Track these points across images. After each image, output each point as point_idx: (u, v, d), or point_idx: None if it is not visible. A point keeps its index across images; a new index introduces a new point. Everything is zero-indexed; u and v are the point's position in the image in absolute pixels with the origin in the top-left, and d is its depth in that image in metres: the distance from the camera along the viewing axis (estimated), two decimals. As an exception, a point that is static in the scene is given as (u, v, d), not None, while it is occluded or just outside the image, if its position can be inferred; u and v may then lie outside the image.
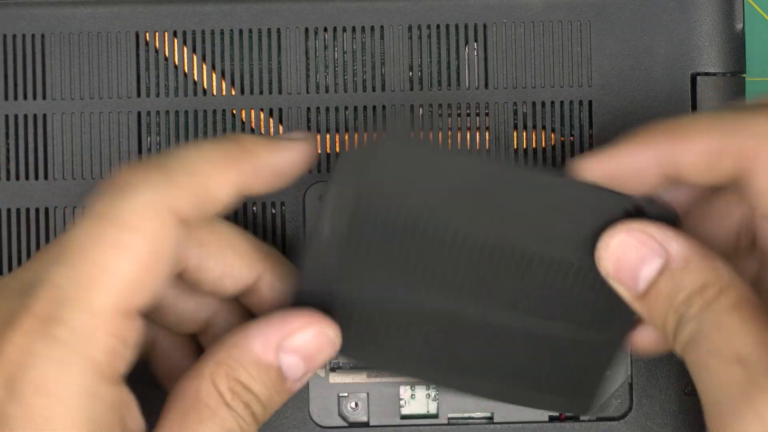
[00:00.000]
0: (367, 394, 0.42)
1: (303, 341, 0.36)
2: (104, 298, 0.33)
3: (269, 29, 0.42)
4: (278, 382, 0.36)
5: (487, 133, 0.42)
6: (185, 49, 0.42)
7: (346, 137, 0.42)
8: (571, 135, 0.43)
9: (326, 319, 0.37)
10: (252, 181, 0.36)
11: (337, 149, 0.42)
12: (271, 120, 0.42)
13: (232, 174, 0.35)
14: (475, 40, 0.42)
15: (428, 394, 0.42)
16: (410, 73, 0.42)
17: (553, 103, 0.42)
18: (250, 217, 0.42)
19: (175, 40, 0.42)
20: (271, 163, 0.36)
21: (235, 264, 0.38)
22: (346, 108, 0.42)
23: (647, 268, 0.36)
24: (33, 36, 0.42)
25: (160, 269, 0.34)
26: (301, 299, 0.37)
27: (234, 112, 0.42)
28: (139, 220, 0.33)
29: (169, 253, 0.34)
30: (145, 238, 0.33)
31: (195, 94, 0.42)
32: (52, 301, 0.33)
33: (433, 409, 0.43)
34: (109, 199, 0.34)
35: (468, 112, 0.42)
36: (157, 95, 0.42)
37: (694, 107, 0.42)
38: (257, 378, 0.36)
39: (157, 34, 0.42)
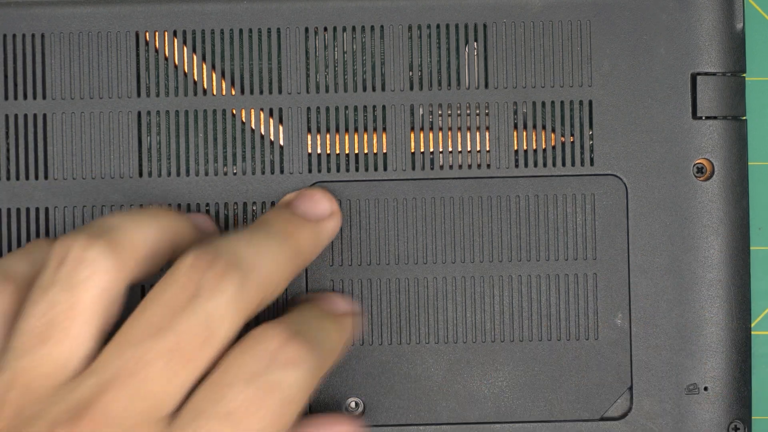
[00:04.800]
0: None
1: None
2: None
3: (269, 29, 0.42)
4: None
5: (487, 133, 0.42)
6: (185, 49, 0.42)
7: (346, 137, 0.42)
8: (571, 135, 0.43)
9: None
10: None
11: (338, 149, 0.42)
12: (271, 120, 0.42)
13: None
14: (475, 40, 0.42)
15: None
16: (410, 73, 0.43)
17: (553, 103, 0.42)
18: (250, 217, 0.42)
19: (175, 40, 0.42)
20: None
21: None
22: (346, 108, 0.42)
23: None
24: (33, 36, 0.42)
25: None
26: None
27: (234, 112, 0.42)
28: (299, 395, 0.36)
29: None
30: (297, 410, 0.36)
31: (195, 94, 0.42)
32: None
33: (433, 409, 0.43)
34: (272, 365, 0.35)
35: (468, 112, 0.42)
36: (157, 95, 0.42)
37: (694, 107, 0.42)
38: None
39: (157, 34, 0.42)
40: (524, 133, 0.43)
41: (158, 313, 0.35)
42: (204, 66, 0.42)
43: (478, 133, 0.42)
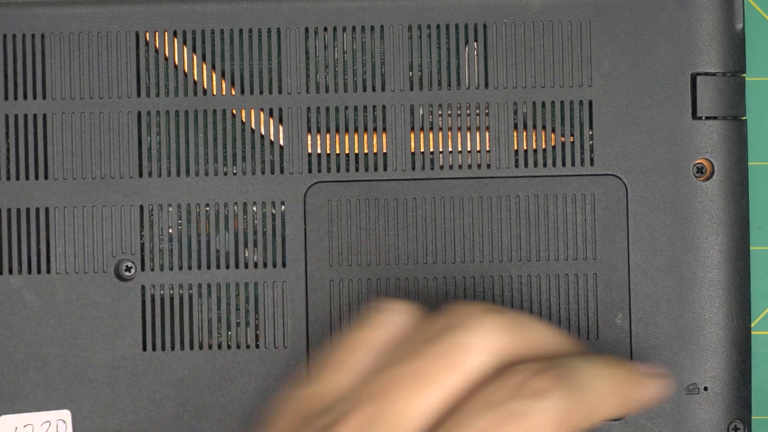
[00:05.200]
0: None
1: None
2: None
3: (269, 29, 0.42)
4: None
5: (487, 133, 0.42)
6: (185, 49, 0.42)
7: (346, 137, 0.42)
8: (571, 135, 0.43)
9: None
10: (623, 412, 0.37)
11: (338, 149, 0.42)
12: (271, 120, 0.42)
13: (618, 403, 0.37)
14: (475, 40, 0.42)
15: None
16: (410, 73, 0.43)
17: (553, 103, 0.42)
18: (250, 217, 0.42)
19: (175, 40, 0.42)
20: (644, 399, 0.38)
21: None
22: (346, 108, 0.42)
23: None
24: (33, 36, 0.42)
25: None
26: None
27: (234, 112, 0.42)
28: (539, 426, 0.34)
29: None
30: None
31: (195, 94, 0.42)
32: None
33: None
34: (516, 394, 0.34)
35: (468, 112, 0.42)
36: (157, 95, 0.42)
37: (694, 107, 0.42)
38: None
39: (157, 34, 0.42)
40: (524, 133, 0.43)
41: (411, 344, 0.36)
42: (204, 66, 0.42)
43: (478, 133, 0.42)
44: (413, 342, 0.36)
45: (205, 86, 0.42)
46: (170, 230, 0.42)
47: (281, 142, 0.42)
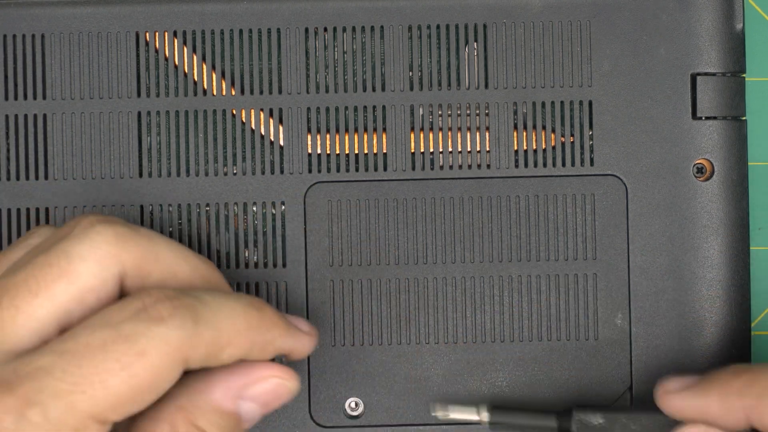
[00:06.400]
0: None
1: (263, 390, 0.37)
2: (88, 404, 0.33)
3: (269, 29, 0.42)
4: (235, 427, 0.36)
5: (487, 133, 0.42)
6: (185, 49, 0.42)
7: (346, 137, 0.42)
8: (571, 135, 0.43)
9: (287, 370, 0.37)
10: (256, 354, 0.36)
11: (338, 149, 0.42)
12: (271, 120, 0.42)
13: (248, 344, 0.36)
14: (475, 40, 0.43)
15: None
16: (410, 73, 0.43)
17: (553, 103, 0.42)
18: (250, 217, 0.42)
19: (175, 40, 0.42)
20: (281, 347, 0.37)
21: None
22: (346, 108, 0.42)
23: None
24: (33, 36, 0.42)
25: (148, 399, 0.34)
26: None
27: (234, 112, 0.42)
28: (152, 351, 0.34)
29: (164, 388, 0.34)
30: (151, 369, 0.34)
31: (195, 94, 0.42)
32: (40, 386, 0.33)
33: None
34: (134, 317, 0.34)
35: (468, 112, 0.42)
36: (157, 95, 0.42)
37: (694, 107, 0.42)
38: (215, 423, 0.36)
39: (157, 34, 0.42)
40: (524, 133, 0.43)
41: (27, 255, 0.35)
42: (204, 66, 0.42)
43: (478, 133, 0.42)
44: (29, 253, 0.35)
45: (205, 86, 0.42)
46: (170, 230, 0.42)
47: (281, 142, 0.42)
